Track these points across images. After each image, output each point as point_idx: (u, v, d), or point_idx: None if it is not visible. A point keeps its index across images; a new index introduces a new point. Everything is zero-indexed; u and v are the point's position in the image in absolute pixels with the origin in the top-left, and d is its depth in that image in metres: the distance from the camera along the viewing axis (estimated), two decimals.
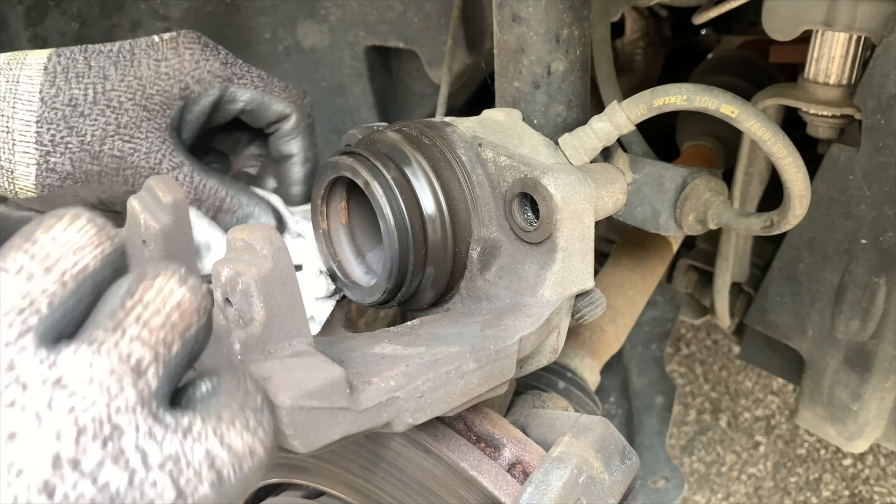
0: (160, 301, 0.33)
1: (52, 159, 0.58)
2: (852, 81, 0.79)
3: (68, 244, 0.31)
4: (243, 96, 0.66)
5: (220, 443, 0.32)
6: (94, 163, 0.59)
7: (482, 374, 0.53)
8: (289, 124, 0.69)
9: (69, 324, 0.32)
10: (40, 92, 0.56)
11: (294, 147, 0.70)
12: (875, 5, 0.70)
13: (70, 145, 0.58)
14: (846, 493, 1.89)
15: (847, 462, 1.95)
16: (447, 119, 0.67)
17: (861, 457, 1.95)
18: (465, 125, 0.65)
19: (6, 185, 0.59)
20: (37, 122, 0.56)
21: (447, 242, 0.63)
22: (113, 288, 0.33)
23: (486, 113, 0.69)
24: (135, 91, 0.59)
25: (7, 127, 0.56)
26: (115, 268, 0.33)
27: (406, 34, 1.09)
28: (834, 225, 0.87)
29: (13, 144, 0.57)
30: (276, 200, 0.70)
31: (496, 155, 0.62)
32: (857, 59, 0.78)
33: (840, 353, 0.95)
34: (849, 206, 0.84)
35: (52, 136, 0.57)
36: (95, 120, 0.58)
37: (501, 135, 0.65)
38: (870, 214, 0.82)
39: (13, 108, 0.56)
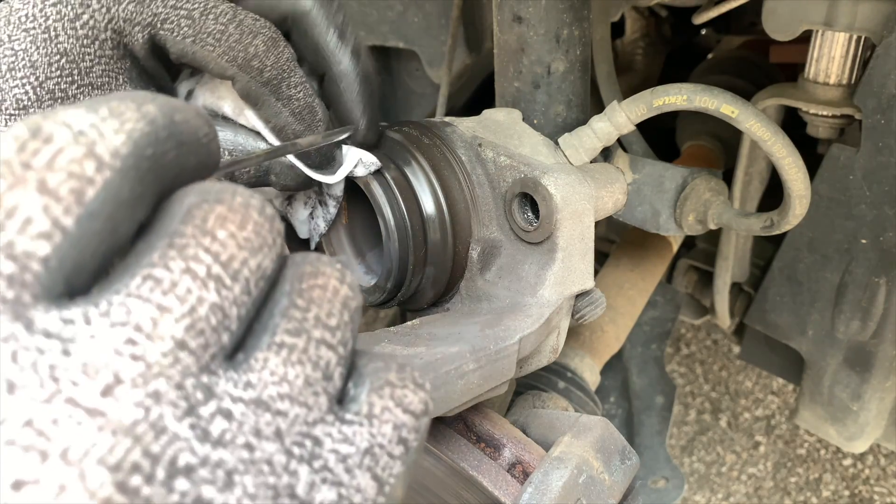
0: (332, 297, 0.31)
1: (9, 98, 0.50)
2: (852, 81, 0.79)
3: (248, 243, 0.28)
4: (173, 48, 0.53)
5: (403, 410, 0.31)
6: None
7: (482, 374, 0.53)
8: (237, 86, 0.55)
9: (241, 335, 0.29)
10: None
11: (262, 113, 0.57)
12: (875, 5, 0.70)
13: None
14: (846, 493, 1.89)
15: (847, 462, 1.95)
16: (447, 119, 0.67)
17: (861, 457, 1.95)
18: (465, 125, 0.65)
19: None
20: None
21: (447, 242, 0.62)
22: (281, 280, 0.31)
23: (486, 113, 0.70)
24: (70, 72, 0.50)
25: None
26: (280, 269, 0.31)
27: (406, 34, 1.09)
28: (834, 225, 0.87)
29: None
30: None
31: (496, 155, 0.62)
32: (858, 58, 0.78)
33: (840, 354, 0.95)
34: (849, 206, 0.84)
35: None
36: None
37: (501, 135, 0.65)
38: (870, 214, 0.82)
39: None
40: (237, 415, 0.27)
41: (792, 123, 0.86)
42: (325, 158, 0.59)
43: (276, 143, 0.58)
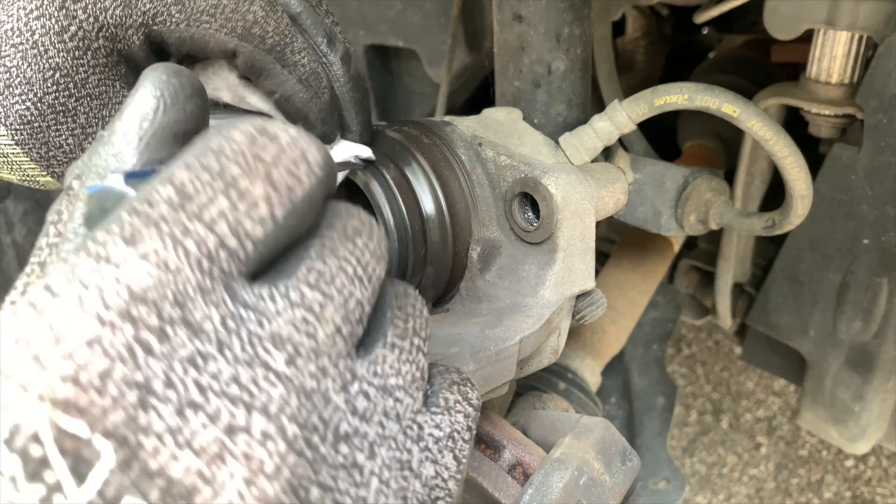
0: (421, 315, 0.36)
1: (57, 169, 0.52)
2: (854, 81, 0.78)
3: (376, 253, 0.33)
4: (171, 39, 0.52)
5: (468, 403, 0.36)
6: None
7: (482, 375, 0.53)
8: (239, 61, 0.53)
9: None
10: None
11: (268, 84, 0.55)
12: (877, 4, 0.70)
13: (57, 158, 0.52)
14: (848, 494, 1.88)
15: (849, 463, 1.95)
16: (447, 118, 0.66)
17: (863, 458, 1.95)
18: (465, 124, 0.65)
19: (44, 188, 0.55)
20: (17, 144, 0.50)
21: (447, 243, 0.62)
22: (386, 297, 0.35)
23: (487, 112, 0.69)
24: (66, 85, 0.50)
25: (1, 152, 0.51)
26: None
27: (406, 33, 1.09)
28: (836, 225, 0.86)
29: (19, 164, 0.52)
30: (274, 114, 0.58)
31: (496, 154, 0.62)
32: (859, 58, 0.77)
33: (842, 354, 0.95)
34: (851, 205, 0.83)
35: (38, 152, 0.51)
36: (57, 130, 0.51)
37: (501, 134, 0.65)
38: (872, 214, 0.82)
39: None
40: (372, 396, 0.31)
41: (794, 123, 0.86)
42: None
43: (280, 117, 0.57)
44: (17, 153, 0.50)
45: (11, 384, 0.24)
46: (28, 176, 0.53)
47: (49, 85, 0.48)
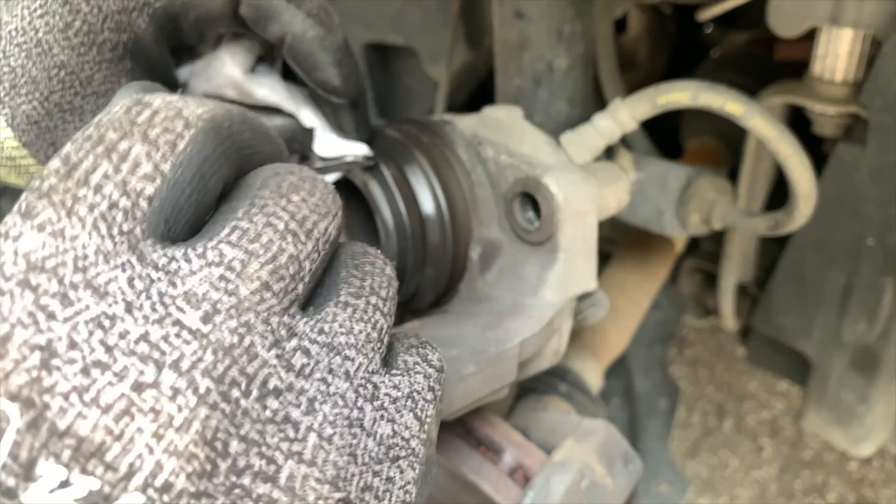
0: (380, 273, 0.36)
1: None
2: (858, 79, 0.78)
3: (318, 208, 0.33)
4: (174, 9, 0.50)
5: (428, 365, 0.36)
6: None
7: (482, 378, 0.52)
8: (244, 6, 0.51)
9: (310, 291, 0.33)
10: (1, 114, 0.48)
11: (276, 27, 0.52)
12: (881, 2, 0.69)
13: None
14: (852, 497, 1.87)
15: (853, 466, 1.94)
16: (447, 117, 0.66)
17: (867, 461, 1.94)
18: (465, 123, 0.64)
19: (27, 184, 0.52)
20: (23, 145, 0.49)
21: (446, 243, 0.62)
22: (336, 256, 0.36)
23: (487, 111, 0.69)
24: (71, 83, 0.49)
25: (6, 155, 0.50)
26: (338, 238, 0.36)
27: (405, 31, 1.09)
28: (840, 225, 0.86)
29: (25, 168, 0.51)
30: (291, 107, 0.57)
31: (496, 154, 0.61)
32: (864, 56, 0.77)
33: (846, 356, 0.94)
34: (855, 205, 0.83)
35: (46, 154, 0.50)
36: (65, 130, 0.50)
37: (502, 133, 0.64)
38: (876, 214, 0.81)
39: None
40: (314, 353, 0.31)
41: (798, 122, 0.85)
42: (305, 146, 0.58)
43: (290, 107, 0.56)
44: (25, 156, 0.49)
45: None
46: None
47: (55, 83, 0.48)
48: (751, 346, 1.13)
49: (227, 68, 0.56)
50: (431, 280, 0.62)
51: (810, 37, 0.78)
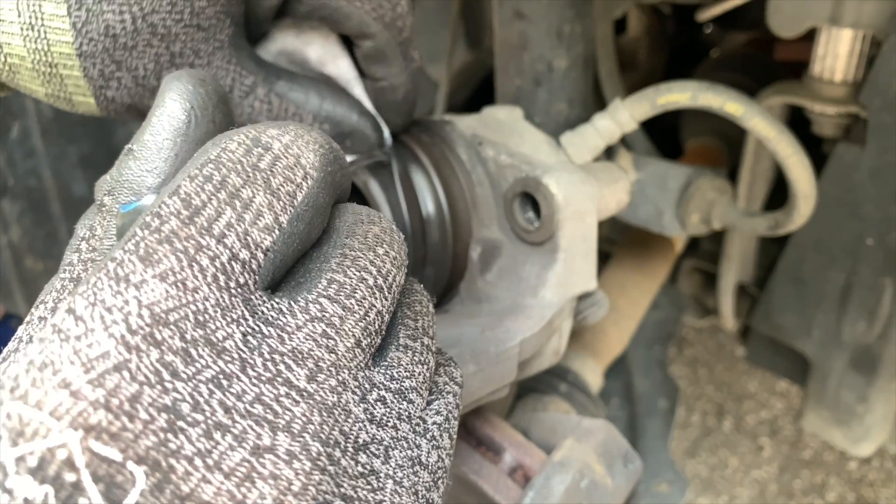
0: (427, 311, 0.37)
1: (109, 93, 0.47)
2: (858, 79, 0.78)
3: (396, 262, 0.33)
4: None
5: (455, 384, 0.37)
6: (152, 98, 0.48)
7: (482, 377, 0.52)
8: (370, 44, 0.53)
9: None
10: (69, 15, 0.43)
11: (382, 71, 0.55)
12: (880, 2, 0.69)
13: (123, 80, 0.47)
14: (851, 496, 1.87)
15: (852, 466, 1.94)
16: (447, 117, 0.66)
17: (866, 460, 1.94)
18: (465, 123, 0.64)
19: (69, 108, 0.49)
20: (78, 55, 0.45)
21: (447, 243, 0.62)
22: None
23: (487, 111, 0.69)
24: (181, 9, 0.45)
25: (48, 61, 0.45)
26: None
27: None
28: (840, 225, 0.86)
29: (62, 78, 0.46)
30: (359, 91, 0.57)
31: (497, 154, 0.61)
32: (863, 56, 0.77)
33: (846, 356, 0.94)
34: (855, 205, 0.83)
35: (101, 70, 0.46)
36: (143, 52, 0.46)
37: (502, 133, 0.64)
38: (876, 214, 0.81)
39: (46, 38, 0.44)
40: (388, 401, 0.32)
41: (797, 122, 0.85)
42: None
43: (361, 95, 0.57)
44: (72, 65, 0.45)
45: (42, 413, 0.23)
46: (64, 92, 0.47)
47: (165, 4, 0.44)
48: (750, 345, 1.13)
49: (326, 29, 0.55)
50: (431, 280, 0.62)
51: (810, 37, 0.78)
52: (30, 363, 0.24)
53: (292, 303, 0.29)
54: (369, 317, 0.31)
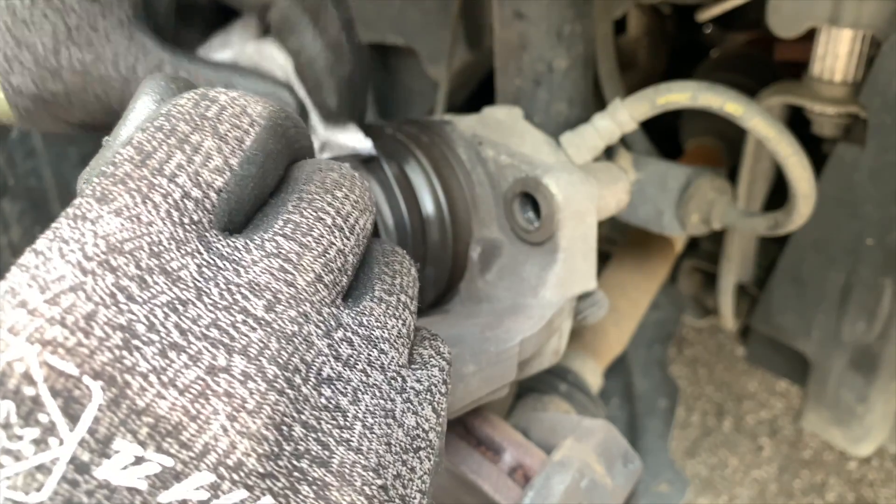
0: (408, 273, 0.37)
1: (14, 80, 0.47)
2: (857, 79, 0.78)
3: (358, 205, 0.34)
4: None
5: (441, 358, 0.37)
6: (55, 81, 0.48)
7: (482, 377, 0.52)
8: (274, 13, 0.52)
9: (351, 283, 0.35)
10: None
11: (294, 42, 0.54)
12: (880, 3, 0.69)
13: (24, 62, 0.47)
14: (851, 496, 1.87)
15: (852, 465, 1.94)
16: (447, 117, 0.66)
17: (866, 460, 1.94)
18: (465, 123, 0.64)
19: None
20: None
21: (447, 243, 0.62)
22: (368, 251, 0.37)
23: (487, 111, 0.69)
24: None
25: None
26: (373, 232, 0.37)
27: (405, 31, 1.08)
28: (839, 225, 0.86)
29: None
30: (298, 87, 0.56)
31: (497, 154, 0.61)
32: (863, 56, 0.77)
33: (846, 355, 0.94)
34: (854, 205, 0.83)
35: (4, 53, 0.47)
36: (40, 27, 0.46)
37: (502, 133, 0.64)
38: (876, 214, 0.81)
39: None
40: (356, 344, 0.32)
41: (797, 122, 0.85)
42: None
43: (295, 83, 0.56)
44: None
45: (0, 331, 0.24)
46: None
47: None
48: (750, 345, 1.13)
49: (234, 39, 0.56)
50: (431, 280, 0.62)
51: (809, 37, 0.78)
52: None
53: (248, 241, 0.30)
54: (329, 254, 0.32)
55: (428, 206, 0.60)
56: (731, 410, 2.11)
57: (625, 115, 0.68)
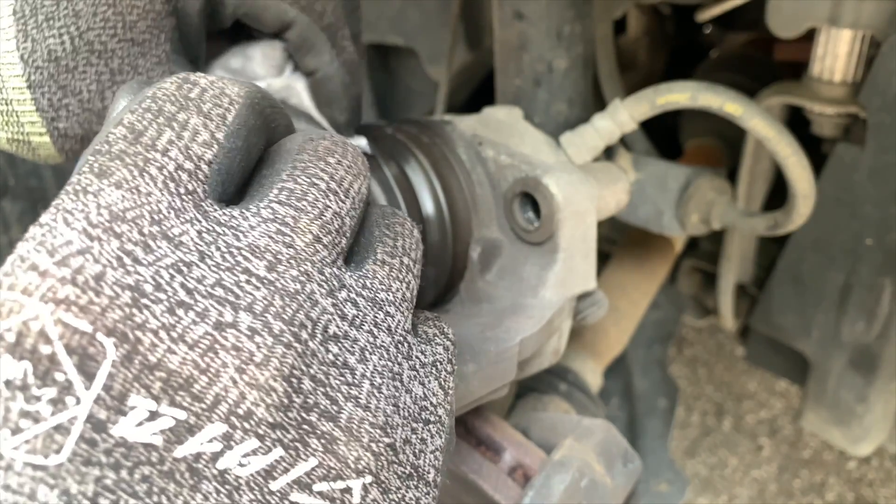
0: (409, 235, 0.38)
1: (60, 125, 0.48)
2: (857, 79, 0.78)
3: (351, 169, 0.35)
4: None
5: (446, 338, 0.38)
6: (100, 122, 0.49)
7: (482, 377, 0.52)
8: (293, 33, 0.54)
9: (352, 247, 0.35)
10: (18, 49, 0.45)
11: (312, 61, 0.56)
12: (879, 3, 0.69)
13: (70, 107, 0.48)
14: (851, 496, 1.88)
15: (852, 465, 1.94)
16: (447, 117, 0.66)
17: (866, 460, 1.94)
18: (465, 123, 0.65)
19: (32, 156, 0.50)
20: (28, 87, 0.46)
21: (447, 243, 0.62)
22: (369, 215, 0.38)
23: (487, 111, 0.69)
24: (114, 24, 0.47)
25: (4, 98, 0.47)
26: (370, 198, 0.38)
27: (405, 32, 1.09)
28: (839, 225, 0.86)
29: (17, 116, 0.48)
30: (318, 115, 0.58)
31: (496, 154, 0.62)
32: (862, 56, 0.77)
33: (845, 355, 0.94)
34: (854, 205, 0.83)
35: (49, 99, 0.47)
36: (84, 73, 0.47)
37: (502, 133, 0.64)
38: (875, 214, 0.81)
39: (0, 75, 0.46)
40: (361, 305, 0.33)
41: (796, 122, 0.85)
42: None
43: (308, 103, 0.57)
44: (24, 100, 0.47)
45: (14, 293, 0.25)
46: (23, 133, 0.48)
47: (98, 21, 0.46)
48: (750, 345, 1.13)
49: (258, 68, 0.56)
50: (432, 280, 0.62)
51: (809, 37, 0.78)
52: (2, 266, 0.27)
53: (244, 210, 0.31)
54: (325, 216, 0.32)
55: (428, 206, 0.61)
56: (731, 410, 2.12)
57: (624, 115, 0.68)
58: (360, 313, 0.32)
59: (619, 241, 1.14)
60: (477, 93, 1.24)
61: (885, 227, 0.81)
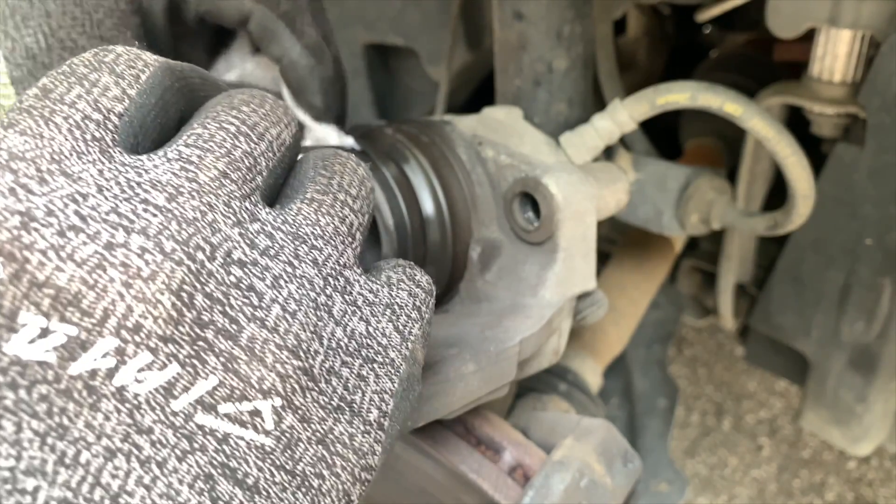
0: (351, 172, 0.37)
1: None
2: (857, 80, 0.78)
3: (268, 117, 0.35)
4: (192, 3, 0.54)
5: (414, 284, 0.38)
6: None
7: (482, 377, 0.52)
8: (252, 23, 0.55)
9: (273, 190, 0.35)
10: (2, 47, 0.50)
11: (275, 49, 0.57)
12: (879, 3, 0.69)
13: None
14: (850, 496, 1.88)
15: (851, 465, 1.94)
16: (446, 117, 0.66)
17: (865, 460, 1.94)
18: (465, 123, 0.65)
19: None
20: (11, 82, 0.51)
21: (446, 243, 0.62)
22: (305, 159, 0.37)
23: (487, 111, 0.69)
24: (82, 22, 0.50)
25: None
26: (298, 147, 0.38)
27: (405, 32, 1.09)
28: (838, 225, 0.86)
29: (2, 110, 0.52)
30: (286, 93, 0.59)
31: (496, 154, 0.62)
32: (862, 56, 0.77)
33: (845, 355, 0.94)
34: (853, 205, 0.83)
35: None
36: None
37: (502, 133, 0.64)
38: (875, 214, 0.81)
39: None
40: (278, 238, 0.33)
41: (796, 122, 0.86)
42: None
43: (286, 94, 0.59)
44: (9, 95, 0.50)
45: None
46: None
47: (67, 19, 0.49)
48: (749, 345, 1.13)
49: (244, 62, 0.59)
50: (432, 280, 0.62)
51: (809, 38, 0.78)
52: None
53: (151, 154, 0.32)
54: (233, 154, 0.32)
55: (428, 206, 0.61)
56: (731, 410, 2.12)
57: (624, 115, 0.68)
58: (276, 245, 0.32)
59: (618, 241, 1.14)
60: (477, 93, 1.24)
61: (884, 227, 0.82)
